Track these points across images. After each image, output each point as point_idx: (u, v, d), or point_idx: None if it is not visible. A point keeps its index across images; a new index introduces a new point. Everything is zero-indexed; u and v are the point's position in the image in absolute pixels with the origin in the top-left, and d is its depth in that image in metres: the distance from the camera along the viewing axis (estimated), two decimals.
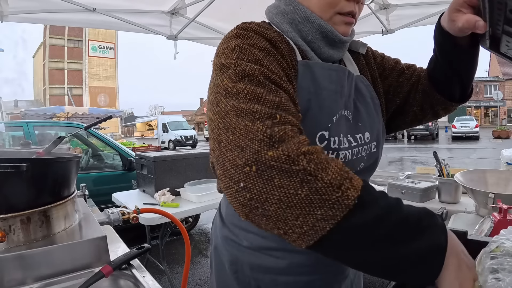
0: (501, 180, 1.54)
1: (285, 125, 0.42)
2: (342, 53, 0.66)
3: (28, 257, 0.69)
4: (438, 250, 0.38)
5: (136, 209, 0.98)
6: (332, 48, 0.63)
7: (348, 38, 0.64)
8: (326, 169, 0.38)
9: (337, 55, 0.65)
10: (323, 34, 0.61)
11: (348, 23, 0.62)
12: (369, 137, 0.65)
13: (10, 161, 0.72)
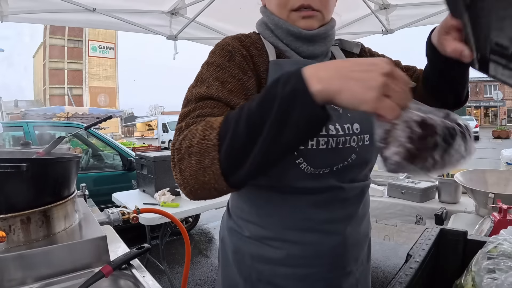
0: (501, 180, 1.54)
1: (184, 131, 0.51)
2: (324, 47, 0.68)
3: (28, 257, 0.69)
4: (297, 78, 0.40)
5: (136, 209, 0.98)
6: (309, 45, 0.65)
7: (316, 31, 0.64)
8: (194, 136, 0.47)
9: (318, 49, 0.67)
10: (293, 35, 0.64)
11: (305, 16, 0.63)
12: (359, 128, 0.64)
13: (10, 161, 0.72)
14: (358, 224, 0.68)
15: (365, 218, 0.72)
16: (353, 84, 0.38)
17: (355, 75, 0.39)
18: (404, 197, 1.91)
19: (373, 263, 2.78)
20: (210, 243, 3.53)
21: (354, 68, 0.40)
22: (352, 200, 0.65)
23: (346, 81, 0.39)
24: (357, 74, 0.39)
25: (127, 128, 37.22)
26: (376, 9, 2.70)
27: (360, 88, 0.38)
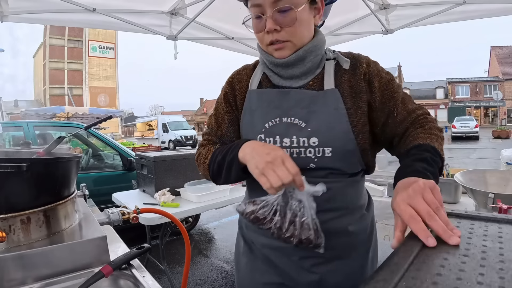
0: (501, 180, 1.55)
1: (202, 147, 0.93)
2: (303, 67, 0.79)
3: (28, 257, 0.69)
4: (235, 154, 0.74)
5: (136, 209, 0.98)
6: (287, 69, 0.80)
7: (288, 58, 0.77)
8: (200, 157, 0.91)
9: (296, 71, 0.80)
10: (272, 63, 0.80)
11: (277, 48, 0.77)
12: (317, 142, 0.75)
13: (10, 161, 0.72)
14: (323, 215, 0.74)
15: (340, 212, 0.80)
16: (253, 161, 0.68)
17: (255, 156, 0.68)
18: None
19: None
20: (210, 243, 3.53)
21: (259, 151, 0.68)
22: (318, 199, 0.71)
23: (251, 158, 0.69)
24: (256, 156, 0.68)
25: (127, 128, 37.24)
26: (376, 9, 2.70)
27: (253, 165, 0.68)
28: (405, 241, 0.50)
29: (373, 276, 0.40)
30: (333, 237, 0.78)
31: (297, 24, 0.73)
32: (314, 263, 0.81)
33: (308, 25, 0.77)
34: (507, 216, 0.58)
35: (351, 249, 0.83)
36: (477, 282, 0.37)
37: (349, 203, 0.82)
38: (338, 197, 0.79)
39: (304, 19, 0.74)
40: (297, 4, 0.72)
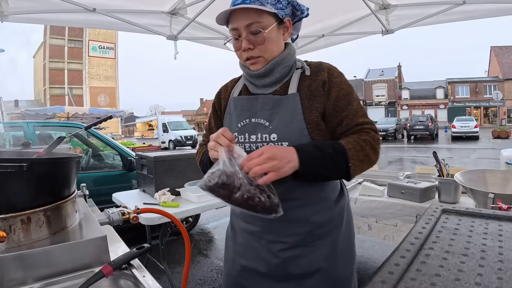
0: (500, 180, 1.54)
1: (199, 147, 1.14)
2: (273, 77, 0.94)
3: (29, 257, 0.69)
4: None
5: (136, 209, 0.98)
6: (260, 79, 0.95)
7: (259, 71, 0.93)
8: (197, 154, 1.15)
9: (268, 80, 0.95)
10: (249, 74, 0.96)
11: (252, 63, 0.92)
12: (276, 137, 0.90)
13: (11, 161, 0.73)
14: (289, 204, 0.86)
15: (301, 202, 0.91)
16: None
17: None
18: (404, 197, 1.91)
19: (372, 263, 2.78)
20: (210, 243, 3.53)
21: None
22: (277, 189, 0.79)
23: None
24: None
25: (127, 128, 37.21)
26: (376, 9, 2.70)
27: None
28: (404, 242, 0.50)
29: (372, 277, 0.40)
30: (295, 225, 0.91)
31: (266, 43, 0.89)
32: (281, 248, 0.92)
33: (277, 42, 0.92)
34: (508, 213, 0.58)
35: (315, 238, 0.91)
36: (475, 283, 0.37)
37: (309, 194, 0.91)
38: (297, 188, 0.89)
39: (273, 38, 0.90)
40: (266, 27, 0.87)
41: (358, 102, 0.91)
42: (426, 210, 0.64)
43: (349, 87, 0.91)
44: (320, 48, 3.55)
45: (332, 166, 0.81)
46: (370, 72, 39.18)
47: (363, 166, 0.84)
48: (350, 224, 1.01)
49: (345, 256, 0.96)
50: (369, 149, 0.84)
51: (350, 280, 0.96)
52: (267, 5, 0.86)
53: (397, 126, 21.01)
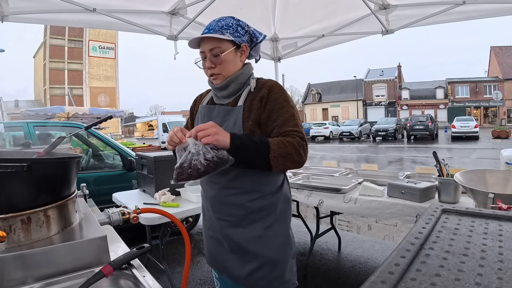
0: (500, 180, 1.54)
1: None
2: (230, 91, 1.17)
3: (29, 257, 0.69)
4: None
5: (137, 209, 0.98)
6: (221, 92, 1.19)
7: (219, 85, 1.16)
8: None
9: (226, 93, 1.18)
10: (213, 87, 1.21)
11: (214, 79, 1.16)
12: None
13: (11, 161, 0.73)
14: (227, 190, 1.14)
15: (240, 190, 1.13)
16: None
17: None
18: (404, 197, 1.91)
19: (372, 263, 2.78)
20: None
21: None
22: (218, 175, 1.05)
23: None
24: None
25: (127, 128, 37.19)
26: (376, 9, 2.70)
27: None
28: (404, 242, 0.50)
29: (372, 277, 0.40)
30: (234, 207, 1.14)
31: (224, 63, 1.12)
32: (225, 225, 1.16)
33: (233, 63, 1.14)
34: (508, 213, 0.58)
35: (251, 220, 1.13)
36: (475, 283, 0.37)
37: (247, 185, 1.13)
38: (238, 179, 1.12)
39: (229, 59, 1.13)
40: (223, 51, 1.10)
41: (292, 115, 1.09)
42: (426, 210, 0.64)
43: (286, 101, 1.10)
44: (320, 48, 3.56)
45: (255, 152, 1.00)
46: (370, 72, 39.16)
47: (285, 162, 1.01)
48: (285, 215, 1.20)
49: (278, 241, 1.15)
50: (291, 149, 1.01)
51: (284, 263, 1.15)
52: (226, 34, 1.11)
53: (397, 126, 21.01)
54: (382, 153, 12.95)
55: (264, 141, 1.01)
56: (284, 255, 1.15)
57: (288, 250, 1.17)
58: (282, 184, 1.20)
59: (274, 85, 1.14)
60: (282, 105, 1.10)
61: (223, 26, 1.12)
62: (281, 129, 1.07)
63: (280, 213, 1.17)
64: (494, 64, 34.30)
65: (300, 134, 1.07)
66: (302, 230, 3.49)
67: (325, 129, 23.41)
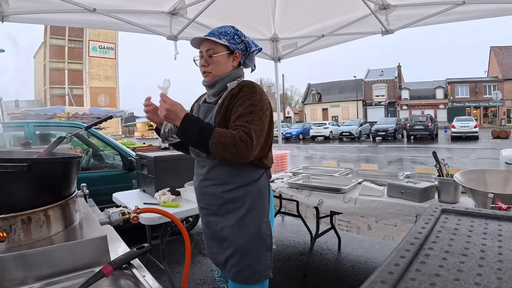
0: (500, 180, 1.54)
1: None
2: (217, 90, 1.30)
3: (29, 256, 0.70)
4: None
5: (137, 209, 0.98)
6: (210, 89, 1.32)
7: (209, 83, 1.30)
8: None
9: (213, 91, 1.31)
10: (204, 85, 1.34)
11: (205, 76, 1.30)
12: None
13: (11, 161, 0.73)
14: (205, 181, 1.29)
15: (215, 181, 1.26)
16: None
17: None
18: (403, 197, 1.91)
19: (372, 263, 2.78)
20: None
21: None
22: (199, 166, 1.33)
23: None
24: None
25: (128, 128, 37.18)
26: (376, 9, 2.70)
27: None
28: (403, 242, 0.50)
29: (372, 277, 0.40)
30: (211, 197, 1.27)
31: (215, 64, 1.26)
32: (205, 213, 1.32)
33: (224, 65, 1.27)
34: (507, 213, 0.58)
35: (225, 210, 1.25)
36: (475, 283, 0.37)
37: (222, 177, 1.24)
38: (213, 171, 1.26)
39: (220, 61, 1.26)
40: (216, 53, 1.25)
41: (249, 112, 1.15)
42: (426, 210, 0.64)
43: (250, 99, 1.17)
44: (320, 48, 3.56)
45: (198, 135, 1.10)
46: (370, 72, 39.15)
47: (224, 151, 1.09)
48: (258, 208, 1.26)
49: (249, 232, 1.23)
50: (231, 140, 1.08)
51: (257, 254, 1.23)
52: (223, 39, 1.25)
53: (397, 126, 21.01)
54: (382, 153, 12.95)
55: (209, 128, 1.12)
56: (257, 246, 1.23)
57: (260, 242, 1.24)
58: (258, 179, 1.27)
59: (247, 84, 1.23)
60: (243, 102, 1.17)
61: (222, 32, 1.27)
62: (234, 123, 1.15)
63: (252, 206, 1.24)
64: (493, 64, 34.30)
65: (246, 129, 1.12)
66: (302, 230, 3.50)
67: (325, 129, 23.40)
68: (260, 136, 1.16)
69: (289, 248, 3.18)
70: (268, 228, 1.27)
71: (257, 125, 1.15)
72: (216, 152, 1.10)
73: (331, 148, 16.99)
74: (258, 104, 1.18)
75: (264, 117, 1.18)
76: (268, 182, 1.33)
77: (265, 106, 1.20)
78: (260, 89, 1.23)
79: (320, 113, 40.13)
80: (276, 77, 3.91)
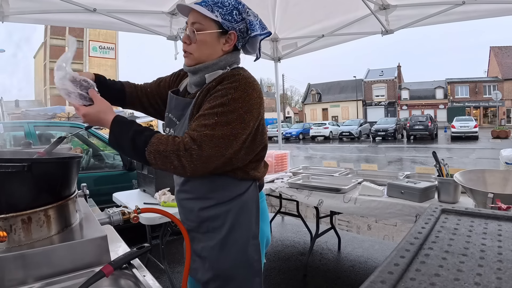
0: (500, 180, 1.55)
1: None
2: (198, 79, 1.01)
3: (29, 256, 0.70)
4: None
5: (137, 208, 0.98)
6: (191, 76, 1.04)
7: (190, 67, 1.02)
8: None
9: (195, 80, 1.03)
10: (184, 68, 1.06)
11: (185, 57, 1.02)
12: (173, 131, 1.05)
13: (11, 161, 0.73)
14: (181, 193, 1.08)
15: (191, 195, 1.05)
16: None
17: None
18: (403, 197, 1.91)
19: (372, 263, 2.78)
20: None
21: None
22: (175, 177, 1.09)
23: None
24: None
25: None
26: (375, 9, 2.70)
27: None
28: (403, 242, 0.50)
29: (371, 277, 0.40)
30: (189, 212, 1.06)
31: (199, 44, 0.97)
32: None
33: (211, 48, 0.98)
34: (507, 213, 0.58)
35: (205, 229, 1.04)
36: (475, 283, 0.37)
37: (198, 191, 1.03)
38: (189, 183, 1.05)
39: (206, 41, 0.97)
40: (202, 29, 0.96)
41: (213, 113, 0.89)
42: (426, 210, 0.64)
43: (222, 97, 0.90)
44: (320, 48, 3.56)
45: (132, 141, 0.88)
46: (369, 72, 39.15)
47: (165, 162, 0.87)
48: (243, 229, 1.01)
49: (233, 256, 1.01)
50: (173, 149, 0.86)
51: (243, 281, 1.01)
52: (216, 13, 0.94)
53: (397, 126, 21.02)
54: (381, 153, 12.95)
55: (146, 133, 0.89)
56: (242, 272, 1.01)
57: (246, 268, 1.01)
58: (243, 194, 1.02)
59: (230, 76, 0.94)
60: (215, 99, 0.91)
61: (217, 3, 0.95)
62: (191, 125, 0.92)
63: (235, 226, 1.01)
64: (493, 64, 34.30)
65: (195, 134, 0.87)
66: (302, 230, 3.50)
67: (325, 129, 23.42)
68: (221, 146, 0.88)
69: (289, 248, 3.18)
70: (256, 252, 1.02)
71: (219, 130, 0.87)
72: (155, 163, 0.88)
73: (331, 148, 16.99)
74: (232, 104, 0.89)
75: (238, 121, 0.89)
76: (257, 197, 1.05)
77: (244, 107, 0.90)
78: (246, 85, 0.92)
79: (320, 113, 40.13)
80: (276, 77, 3.91)
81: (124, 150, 0.93)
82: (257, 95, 0.94)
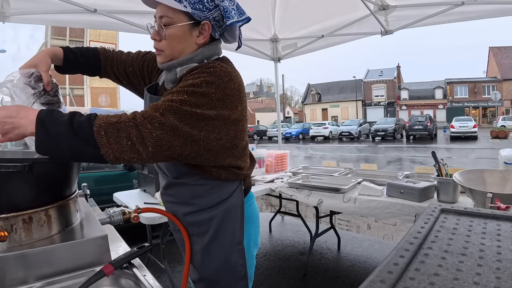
0: (499, 180, 1.55)
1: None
2: (170, 76, 0.95)
3: (30, 256, 0.70)
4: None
5: (137, 208, 0.99)
6: (166, 73, 0.97)
7: (163, 65, 0.94)
8: None
9: (169, 77, 0.95)
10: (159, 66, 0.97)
11: (157, 54, 0.94)
12: None
13: (12, 160, 0.73)
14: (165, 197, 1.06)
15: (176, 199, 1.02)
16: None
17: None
18: (403, 197, 1.92)
19: (372, 262, 2.79)
20: None
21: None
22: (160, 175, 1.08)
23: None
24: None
25: None
26: (375, 10, 2.71)
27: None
28: (403, 241, 0.51)
29: (371, 276, 0.40)
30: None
31: (169, 39, 0.88)
32: (173, 228, 1.10)
33: (183, 42, 0.90)
34: (506, 213, 0.58)
35: (190, 233, 1.01)
36: (474, 282, 0.37)
37: (181, 195, 1.00)
38: (171, 187, 1.02)
39: (177, 36, 0.88)
40: (170, 23, 0.86)
41: (185, 91, 0.79)
42: (425, 210, 0.65)
43: (194, 79, 0.81)
44: (320, 49, 3.56)
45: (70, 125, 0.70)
46: (369, 72, 39.16)
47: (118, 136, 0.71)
48: (229, 235, 0.97)
49: (217, 262, 0.97)
50: (125, 120, 0.73)
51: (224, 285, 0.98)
52: (184, 3, 0.83)
53: (396, 126, 21.03)
54: (381, 153, 12.96)
55: (87, 115, 0.74)
56: (226, 277, 0.98)
57: (230, 274, 0.98)
58: (228, 198, 0.97)
59: (204, 65, 0.87)
60: (184, 81, 0.84)
61: None
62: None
63: (219, 233, 0.96)
64: (492, 64, 34.33)
65: (156, 104, 0.77)
66: (301, 229, 3.50)
67: (325, 129, 23.42)
68: (187, 121, 0.76)
69: (289, 247, 3.19)
70: (240, 257, 0.98)
71: (187, 107, 0.76)
72: (106, 142, 0.70)
73: (331, 148, 17.00)
74: (204, 87, 0.79)
75: (209, 106, 0.79)
76: (242, 202, 0.98)
77: (217, 94, 0.80)
78: (222, 72, 0.83)
79: (319, 113, 40.14)
80: (276, 77, 3.91)
81: (60, 143, 0.71)
82: (235, 87, 0.84)
